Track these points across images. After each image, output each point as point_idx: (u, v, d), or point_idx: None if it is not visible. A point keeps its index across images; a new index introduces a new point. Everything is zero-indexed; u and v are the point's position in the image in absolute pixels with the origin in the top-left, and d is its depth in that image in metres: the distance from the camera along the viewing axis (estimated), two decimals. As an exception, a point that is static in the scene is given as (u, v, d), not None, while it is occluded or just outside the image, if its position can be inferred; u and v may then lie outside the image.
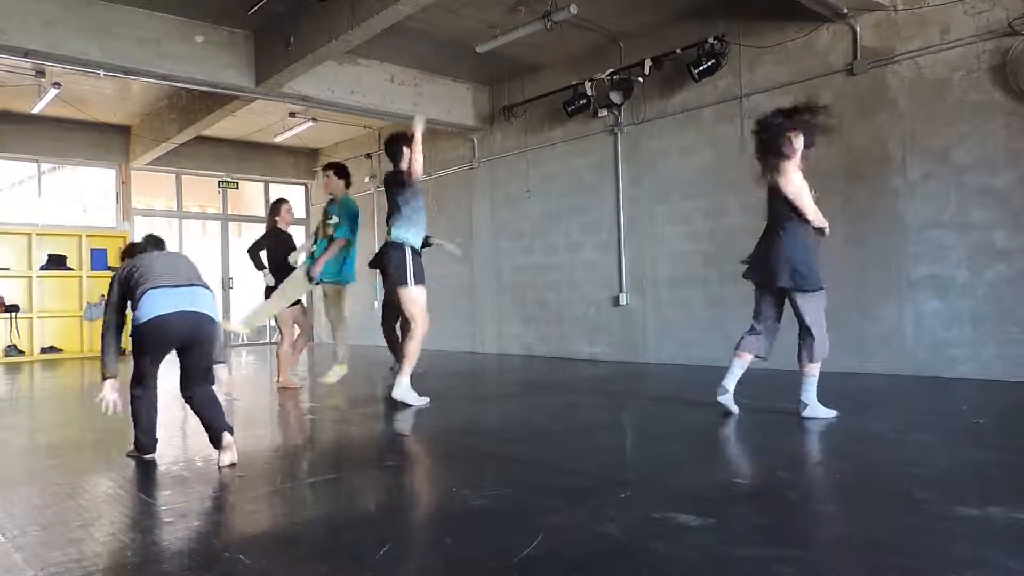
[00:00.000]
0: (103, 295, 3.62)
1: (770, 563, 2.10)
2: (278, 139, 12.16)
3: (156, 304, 3.26)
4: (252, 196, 14.23)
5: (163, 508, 2.81)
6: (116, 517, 2.80)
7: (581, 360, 8.45)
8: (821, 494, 2.77)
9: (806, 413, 4.31)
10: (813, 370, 4.33)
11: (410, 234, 5.13)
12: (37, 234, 10.93)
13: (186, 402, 3.54)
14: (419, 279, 5.10)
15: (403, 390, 5.04)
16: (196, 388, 3.49)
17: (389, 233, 5.18)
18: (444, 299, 9.82)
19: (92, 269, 11.27)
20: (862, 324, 6.34)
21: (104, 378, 3.46)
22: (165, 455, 3.89)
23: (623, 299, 8.24)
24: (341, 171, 6.27)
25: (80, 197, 12.39)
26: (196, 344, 3.42)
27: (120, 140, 11.65)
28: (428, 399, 5.10)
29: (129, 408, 3.63)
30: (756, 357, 4.55)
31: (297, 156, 13.61)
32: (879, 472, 3.16)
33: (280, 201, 6.79)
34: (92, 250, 11.35)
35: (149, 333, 3.29)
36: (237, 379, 6.76)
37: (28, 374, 8.90)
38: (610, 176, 8.37)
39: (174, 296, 3.31)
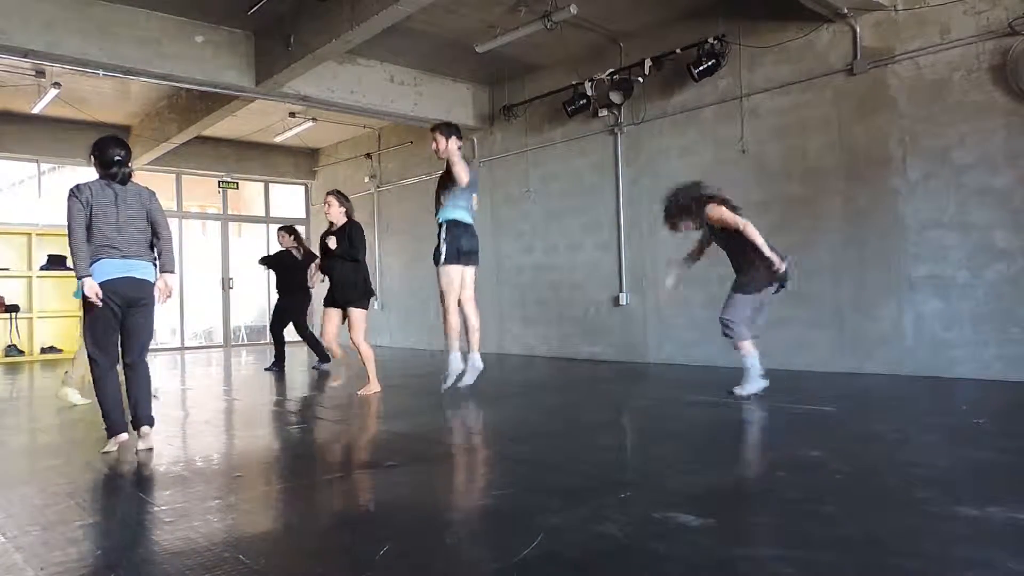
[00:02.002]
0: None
1: (770, 563, 2.10)
2: (278, 139, 12.16)
3: (102, 271, 3.70)
4: (252, 196, 14.23)
5: (163, 508, 2.81)
6: (116, 517, 2.81)
7: (581, 360, 8.45)
8: (821, 494, 2.76)
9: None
10: None
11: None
12: (37, 234, 10.91)
13: (124, 369, 3.87)
14: None
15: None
16: (137, 358, 3.89)
17: (466, 216, 5.51)
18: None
19: (92, 269, 11.26)
20: (862, 324, 6.34)
21: (80, 277, 3.69)
22: (165, 455, 3.90)
23: (623, 299, 8.24)
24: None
25: (80, 197, 12.37)
26: (139, 306, 3.83)
27: (120, 140, 11.64)
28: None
29: (98, 397, 3.83)
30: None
31: (297, 156, 13.60)
32: (879, 472, 3.16)
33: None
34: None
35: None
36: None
37: (28, 374, 8.90)
38: (610, 176, 8.36)
39: (120, 265, 3.74)
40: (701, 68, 7.06)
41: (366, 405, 5.41)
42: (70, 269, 11.20)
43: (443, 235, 5.44)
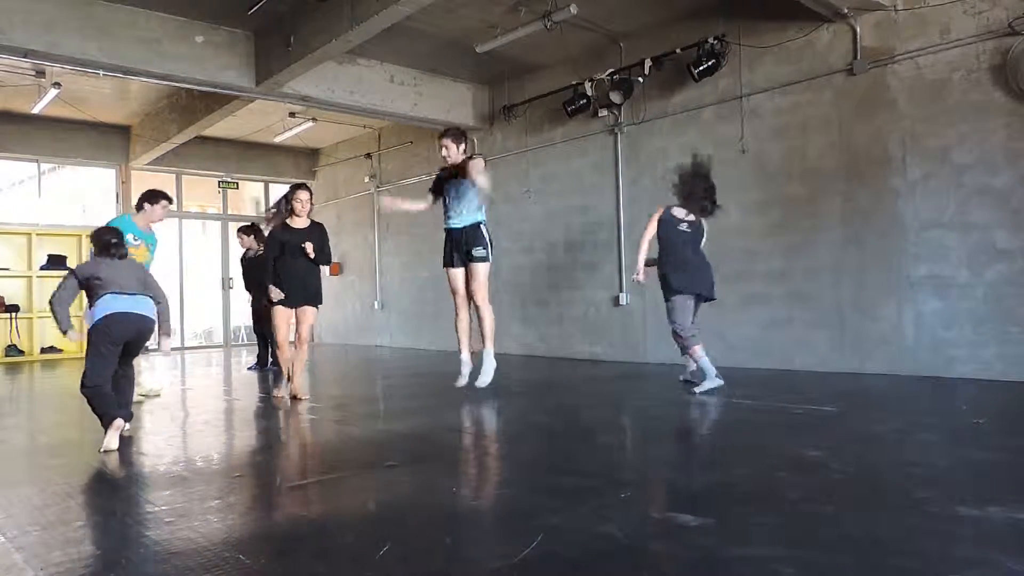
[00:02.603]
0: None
1: (770, 563, 2.10)
2: (278, 139, 12.16)
3: (111, 305, 4.07)
4: (252, 196, 14.22)
5: (163, 508, 2.81)
6: (116, 517, 2.81)
7: (581, 360, 8.45)
8: (821, 494, 2.76)
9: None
10: None
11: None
12: (37, 234, 10.92)
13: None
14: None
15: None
16: (127, 367, 4.41)
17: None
18: (444, 299, 9.81)
19: (92, 269, 11.27)
20: (862, 324, 6.34)
21: (65, 332, 4.23)
22: (165, 455, 3.90)
23: (623, 299, 8.24)
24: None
25: (80, 197, 12.39)
26: (139, 338, 4.26)
27: (120, 140, 11.65)
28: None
29: (91, 406, 4.04)
30: None
31: (297, 156, 13.60)
32: (879, 472, 3.16)
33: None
34: (92, 250, 11.34)
35: (105, 326, 4.03)
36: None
37: (28, 374, 8.90)
38: (610, 176, 8.36)
39: (126, 300, 4.13)
40: (701, 68, 7.05)
41: (366, 405, 5.41)
42: (70, 269, 11.26)
43: (486, 234, 5.54)
